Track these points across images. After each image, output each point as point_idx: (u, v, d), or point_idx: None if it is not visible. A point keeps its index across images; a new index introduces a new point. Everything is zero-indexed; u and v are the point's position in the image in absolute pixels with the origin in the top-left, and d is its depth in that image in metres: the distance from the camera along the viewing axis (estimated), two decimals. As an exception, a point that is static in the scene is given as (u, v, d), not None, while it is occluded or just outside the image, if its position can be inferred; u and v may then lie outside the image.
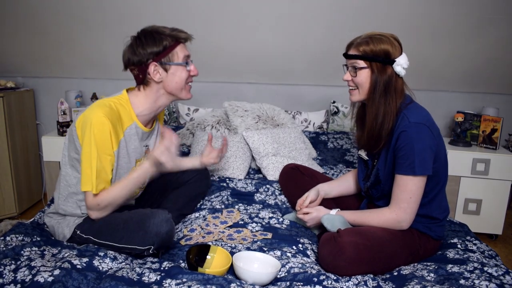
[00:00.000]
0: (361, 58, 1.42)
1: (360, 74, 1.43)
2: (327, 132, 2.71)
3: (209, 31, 2.54)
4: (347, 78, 1.48)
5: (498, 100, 2.80)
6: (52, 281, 1.11)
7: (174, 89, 1.47)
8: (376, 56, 1.40)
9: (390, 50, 1.40)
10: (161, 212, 1.35)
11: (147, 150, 1.57)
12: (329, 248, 1.34)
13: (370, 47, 1.40)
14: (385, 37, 1.42)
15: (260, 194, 1.97)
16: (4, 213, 2.64)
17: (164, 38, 1.41)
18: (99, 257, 1.27)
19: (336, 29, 2.45)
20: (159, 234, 1.31)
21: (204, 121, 2.62)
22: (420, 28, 2.39)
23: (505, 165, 2.36)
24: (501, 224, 2.42)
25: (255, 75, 2.86)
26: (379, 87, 1.40)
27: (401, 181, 1.39)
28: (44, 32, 2.58)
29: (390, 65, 1.40)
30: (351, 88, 1.50)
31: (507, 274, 1.26)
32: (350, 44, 1.48)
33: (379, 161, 1.50)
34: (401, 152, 1.38)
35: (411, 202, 1.39)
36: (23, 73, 2.96)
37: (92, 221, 1.43)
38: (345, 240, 1.31)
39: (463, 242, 1.54)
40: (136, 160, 1.53)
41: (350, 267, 1.30)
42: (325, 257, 1.34)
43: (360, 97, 1.48)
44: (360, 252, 1.31)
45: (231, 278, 1.19)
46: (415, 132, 1.36)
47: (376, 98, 1.41)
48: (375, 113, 1.42)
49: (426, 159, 1.36)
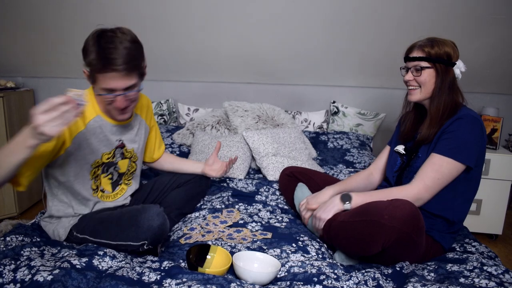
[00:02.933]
0: (425, 60, 1.46)
1: (424, 73, 1.47)
2: (327, 132, 2.71)
3: (209, 31, 2.54)
4: (409, 77, 1.50)
5: (498, 100, 2.80)
6: (52, 280, 1.11)
7: (103, 106, 1.41)
8: (440, 58, 1.45)
9: (452, 53, 1.46)
10: (153, 206, 1.34)
11: (120, 144, 1.52)
12: (387, 202, 1.30)
13: (434, 49, 1.45)
14: (446, 41, 1.49)
15: (260, 194, 1.98)
16: (4, 213, 2.64)
17: (90, 58, 1.26)
18: (99, 256, 1.27)
19: (336, 29, 2.45)
20: (151, 228, 1.30)
21: (204, 121, 2.62)
22: (420, 28, 2.39)
23: (505, 165, 2.36)
24: (501, 224, 2.42)
25: (255, 75, 2.86)
26: (444, 86, 1.45)
27: (437, 160, 1.39)
28: (44, 32, 2.58)
29: (451, 67, 1.46)
30: (411, 88, 1.51)
31: (507, 272, 1.26)
32: (411, 47, 1.51)
33: (420, 150, 1.50)
34: (448, 135, 1.40)
35: (437, 184, 1.39)
36: (23, 73, 2.96)
37: (87, 220, 1.44)
38: (405, 201, 1.29)
39: (462, 245, 1.54)
40: (102, 154, 1.47)
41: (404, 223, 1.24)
42: (382, 208, 1.28)
43: (422, 96, 1.50)
44: (417, 216, 1.26)
45: (231, 278, 1.19)
46: (470, 123, 1.39)
47: (442, 96, 1.45)
48: (442, 105, 1.45)
49: (471, 150, 1.38)
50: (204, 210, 1.77)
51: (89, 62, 1.26)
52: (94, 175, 1.49)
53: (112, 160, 1.52)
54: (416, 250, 1.35)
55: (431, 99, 1.49)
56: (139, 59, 1.34)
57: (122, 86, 1.30)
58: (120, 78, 1.28)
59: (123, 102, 1.34)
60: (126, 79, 1.30)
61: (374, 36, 2.47)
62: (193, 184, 1.80)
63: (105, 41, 1.25)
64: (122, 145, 1.53)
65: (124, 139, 1.54)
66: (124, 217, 1.36)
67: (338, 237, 1.42)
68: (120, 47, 1.26)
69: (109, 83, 1.28)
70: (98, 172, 1.50)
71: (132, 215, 1.34)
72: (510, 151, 2.53)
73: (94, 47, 1.25)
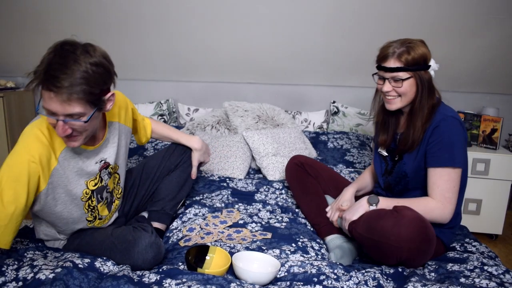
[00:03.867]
0: (405, 70, 1.40)
1: (405, 84, 1.42)
2: (327, 132, 2.71)
3: (209, 31, 2.54)
4: (388, 89, 1.44)
5: (498, 100, 2.80)
6: (53, 278, 1.11)
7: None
8: (418, 64, 1.40)
9: (427, 54, 1.42)
10: (144, 236, 1.29)
11: (104, 164, 1.36)
12: (393, 220, 1.29)
13: (411, 56, 1.39)
14: (417, 42, 1.43)
15: (260, 194, 1.98)
16: (4, 213, 2.63)
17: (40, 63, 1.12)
18: (102, 259, 1.28)
19: (336, 28, 2.45)
20: (146, 261, 1.28)
21: (204, 121, 2.62)
22: (420, 28, 2.39)
23: (505, 165, 2.36)
24: (501, 224, 2.42)
25: (255, 75, 2.86)
26: (425, 92, 1.43)
27: (443, 173, 1.39)
28: (44, 32, 2.58)
29: (428, 69, 1.43)
30: (390, 97, 1.46)
31: (507, 273, 1.26)
32: (385, 55, 1.43)
33: (405, 155, 1.50)
34: (437, 146, 1.39)
35: (455, 192, 1.40)
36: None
37: (77, 243, 1.40)
38: (409, 214, 1.29)
39: (462, 245, 1.54)
40: (86, 181, 1.32)
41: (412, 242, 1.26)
42: (388, 228, 1.28)
43: (402, 104, 1.47)
44: (425, 230, 1.28)
45: (231, 278, 1.19)
46: (452, 125, 1.39)
47: (424, 103, 1.43)
48: (422, 117, 1.43)
49: (461, 151, 1.39)
50: (204, 208, 1.77)
51: (36, 70, 1.11)
52: (89, 208, 1.38)
53: (101, 185, 1.38)
54: (432, 253, 1.38)
55: (412, 105, 1.47)
56: (95, 86, 1.12)
57: (61, 111, 1.10)
58: (59, 102, 1.09)
59: (63, 130, 1.13)
60: (67, 105, 1.09)
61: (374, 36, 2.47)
62: (183, 167, 1.72)
63: (59, 55, 1.10)
64: (106, 165, 1.37)
65: (107, 157, 1.37)
66: (116, 249, 1.31)
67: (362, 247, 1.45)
68: (72, 67, 1.08)
69: (47, 103, 1.10)
70: (94, 204, 1.38)
71: (124, 248, 1.29)
72: (510, 151, 2.53)
73: (46, 57, 1.11)
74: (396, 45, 1.42)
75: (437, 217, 1.40)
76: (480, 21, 2.32)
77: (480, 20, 2.31)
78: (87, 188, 1.33)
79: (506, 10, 2.23)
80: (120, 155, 1.46)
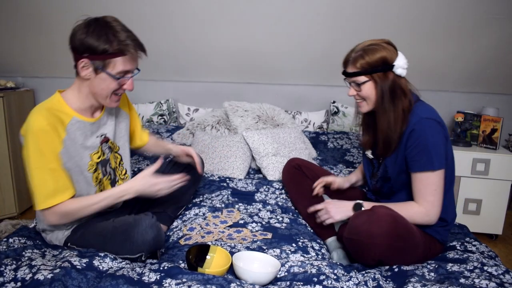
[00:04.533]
0: (361, 74, 1.42)
1: (364, 88, 1.44)
2: (327, 132, 2.71)
3: (209, 31, 2.54)
4: (352, 93, 1.48)
5: (498, 100, 2.80)
6: (52, 278, 1.11)
7: (98, 94, 1.35)
8: (375, 67, 1.40)
9: (387, 56, 1.40)
10: (144, 218, 1.31)
11: (104, 139, 1.47)
12: (366, 217, 1.32)
13: (366, 60, 1.40)
14: (378, 44, 1.42)
15: (260, 194, 1.98)
16: (4, 213, 2.63)
17: (109, 41, 1.26)
18: (99, 257, 1.27)
19: (336, 28, 2.45)
20: (145, 242, 1.28)
21: (204, 121, 2.62)
22: (420, 29, 2.39)
23: (505, 165, 2.36)
24: (501, 224, 2.42)
25: (255, 75, 2.86)
26: (386, 95, 1.41)
27: (423, 177, 1.39)
28: (44, 32, 2.58)
29: (390, 70, 1.41)
30: (358, 101, 1.50)
31: (507, 273, 1.26)
32: (346, 61, 1.47)
33: (386, 159, 1.50)
34: (415, 151, 1.39)
35: (437, 194, 1.39)
36: (23, 73, 2.96)
37: (80, 233, 1.41)
38: (382, 211, 1.31)
39: (462, 244, 1.54)
40: (90, 154, 1.42)
41: (384, 237, 1.28)
42: (360, 225, 1.31)
43: (369, 107, 1.48)
44: (396, 224, 1.30)
45: (231, 278, 1.19)
46: (426, 127, 1.37)
47: (386, 106, 1.42)
48: (387, 122, 1.43)
49: (441, 152, 1.38)
50: (204, 208, 1.77)
51: (104, 49, 1.26)
52: (98, 182, 1.45)
53: (104, 158, 1.47)
54: (413, 252, 1.38)
55: (376, 109, 1.47)
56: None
57: (134, 67, 1.36)
58: (135, 60, 1.35)
59: (132, 84, 1.38)
60: (137, 61, 1.36)
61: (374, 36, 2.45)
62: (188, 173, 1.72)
63: (123, 26, 1.32)
64: (106, 139, 1.48)
65: (107, 133, 1.49)
66: (117, 232, 1.33)
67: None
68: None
69: (127, 64, 1.31)
70: (100, 177, 1.46)
71: (124, 229, 1.31)
72: (510, 151, 2.53)
73: (123, 30, 1.29)
74: (356, 50, 1.44)
75: (421, 221, 1.42)
76: (480, 21, 2.32)
77: (480, 20, 2.31)
78: (91, 161, 1.42)
79: (506, 10, 2.23)
80: (118, 135, 1.55)
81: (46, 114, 1.29)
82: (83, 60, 1.29)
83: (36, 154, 1.26)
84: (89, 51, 1.27)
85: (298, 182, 1.83)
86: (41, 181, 1.27)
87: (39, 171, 1.27)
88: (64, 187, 1.32)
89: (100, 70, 1.29)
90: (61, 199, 1.31)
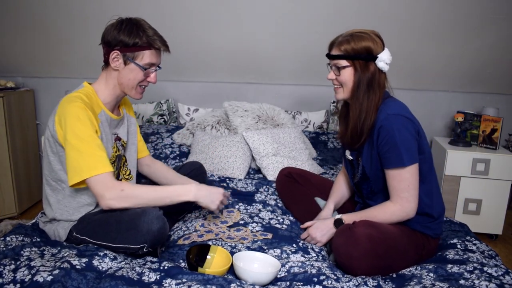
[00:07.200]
0: (343, 58, 1.43)
1: (344, 73, 1.44)
2: (327, 132, 2.71)
3: (209, 31, 2.54)
4: (331, 77, 1.50)
5: (498, 100, 2.80)
6: (52, 280, 1.11)
7: (125, 84, 1.48)
8: (358, 54, 1.40)
9: (372, 46, 1.40)
10: (152, 209, 1.34)
11: (116, 137, 1.57)
12: (344, 238, 1.33)
13: (351, 46, 1.40)
14: (366, 34, 1.42)
15: (260, 194, 1.97)
16: (4, 213, 2.64)
17: (139, 36, 1.43)
18: (99, 256, 1.27)
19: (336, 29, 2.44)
20: (150, 232, 1.30)
21: (204, 121, 2.62)
22: (420, 28, 2.39)
23: (505, 165, 2.36)
24: (501, 224, 2.42)
25: (255, 75, 2.86)
26: (363, 84, 1.42)
27: (395, 174, 1.40)
28: (44, 32, 2.58)
29: (372, 61, 1.41)
30: (335, 86, 1.51)
31: (507, 274, 1.26)
32: (332, 43, 1.48)
33: (363, 158, 1.50)
34: (385, 148, 1.39)
35: (411, 190, 1.39)
36: (23, 73, 2.96)
37: (86, 222, 1.43)
38: (360, 231, 1.31)
39: (463, 242, 1.53)
40: (111, 146, 1.52)
41: (363, 260, 1.29)
42: (339, 246, 1.34)
43: (345, 95, 1.49)
44: (375, 245, 1.31)
45: (231, 278, 1.19)
46: (394, 123, 1.36)
47: (360, 96, 1.42)
48: (358, 110, 1.43)
49: (411, 148, 1.37)
50: (204, 209, 1.77)
51: (135, 42, 1.42)
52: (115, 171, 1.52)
53: (118, 153, 1.57)
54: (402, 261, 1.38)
55: (350, 98, 1.47)
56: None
57: (159, 61, 1.52)
58: (159, 55, 1.51)
59: (156, 77, 1.52)
60: (161, 56, 1.53)
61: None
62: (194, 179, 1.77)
63: (150, 25, 1.50)
64: (118, 138, 1.58)
65: (119, 133, 1.59)
66: (124, 220, 1.35)
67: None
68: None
69: (154, 58, 1.47)
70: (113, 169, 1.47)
71: (131, 218, 1.33)
72: (510, 151, 2.53)
73: (150, 28, 1.47)
74: (344, 35, 1.45)
75: (400, 219, 1.42)
76: (479, 21, 2.32)
77: (480, 20, 2.31)
78: (113, 152, 1.53)
79: (505, 10, 2.23)
80: (129, 137, 1.66)
81: (84, 100, 1.39)
82: (115, 51, 1.43)
83: (84, 130, 1.34)
84: (121, 44, 1.42)
85: (289, 189, 1.85)
86: (93, 151, 1.34)
87: (88, 146, 1.33)
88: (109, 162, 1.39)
89: (130, 61, 1.44)
90: (111, 169, 1.37)
